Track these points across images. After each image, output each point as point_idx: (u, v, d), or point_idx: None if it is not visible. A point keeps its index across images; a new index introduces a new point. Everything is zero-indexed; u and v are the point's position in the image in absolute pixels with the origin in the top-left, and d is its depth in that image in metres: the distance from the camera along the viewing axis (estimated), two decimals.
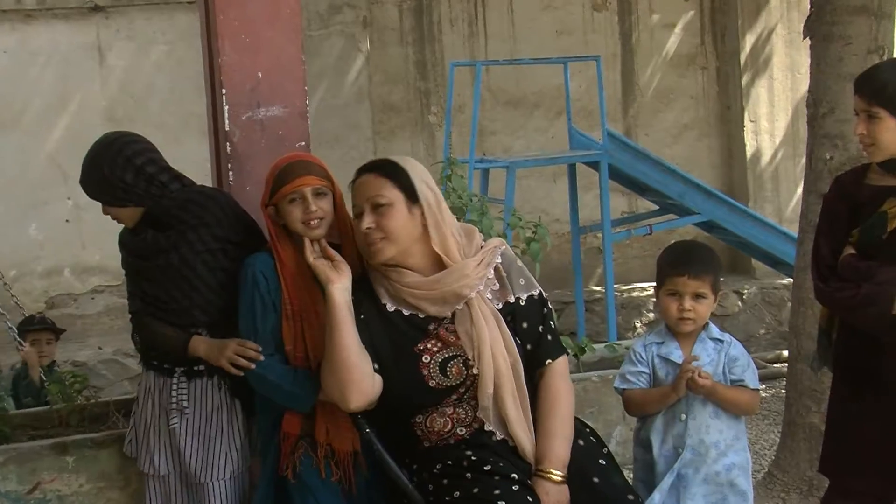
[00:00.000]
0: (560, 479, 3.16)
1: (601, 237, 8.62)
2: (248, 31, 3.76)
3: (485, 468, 3.12)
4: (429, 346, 3.20)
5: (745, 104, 9.82)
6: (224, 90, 3.76)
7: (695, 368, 3.43)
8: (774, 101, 9.82)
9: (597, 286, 9.39)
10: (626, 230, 8.94)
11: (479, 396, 3.18)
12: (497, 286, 3.29)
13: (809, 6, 5.23)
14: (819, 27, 5.07)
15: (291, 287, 3.34)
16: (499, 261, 3.30)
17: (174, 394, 3.53)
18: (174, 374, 3.55)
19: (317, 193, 3.33)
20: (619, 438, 5.25)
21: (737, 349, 3.56)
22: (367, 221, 3.20)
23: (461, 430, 3.21)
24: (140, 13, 8.73)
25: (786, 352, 6.05)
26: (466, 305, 3.21)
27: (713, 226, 8.90)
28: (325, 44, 8.94)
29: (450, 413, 3.21)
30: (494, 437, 3.20)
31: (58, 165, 8.40)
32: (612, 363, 5.76)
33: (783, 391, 5.83)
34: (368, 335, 3.19)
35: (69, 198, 8.34)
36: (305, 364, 3.32)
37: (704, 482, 3.47)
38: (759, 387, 3.62)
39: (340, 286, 3.20)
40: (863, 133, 3.38)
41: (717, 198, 8.81)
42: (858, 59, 4.85)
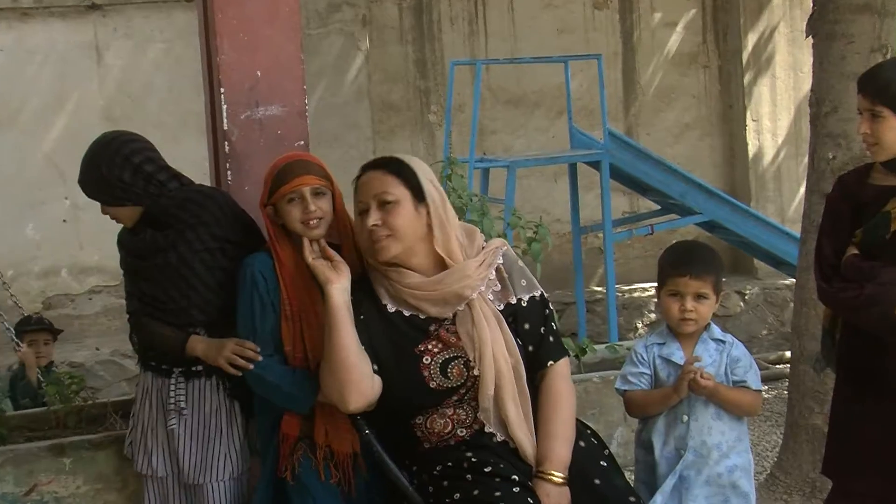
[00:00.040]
0: (561, 481, 3.15)
1: (602, 237, 8.60)
2: (247, 30, 3.75)
3: (485, 470, 3.11)
4: (429, 347, 3.18)
5: (748, 103, 9.79)
6: (222, 89, 3.75)
7: (696, 369, 3.41)
8: (777, 100, 9.80)
9: (598, 286, 9.36)
10: (628, 230, 8.92)
11: (480, 398, 3.17)
12: (498, 287, 3.28)
13: (812, 4, 5.22)
14: (822, 25, 5.06)
15: (290, 287, 3.33)
16: (500, 261, 3.29)
17: (172, 394, 3.52)
18: (172, 375, 3.54)
19: (316, 193, 3.32)
20: (621, 440, 5.23)
21: (739, 350, 3.55)
22: (374, 218, 3.18)
23: (461, 432, 3.20)
24: (138, 11, 8.70)
25: (788, 353, 6.03)
26: (468, 306, 3.20)
27: (715, 226, 8.88)
28: (325, 42, 8.92)
29: (450, 414, 3.19)
30: (495, 439, 3.19)
31: (55, 165, 8.36)
32: (614, 364, 5.73)
33: (786, 392, 5.82)
34: (368, 336, 3.18)
35: (67, 197, 8.31)
36: (304, 365, 3.31)
37: (706, 484, 3.46)
38: (762, 388, 3.61)
39: (339, 286, 3.18)
40: (866, 132, 3.37)
41: (719, 197, 8.79)
42: (861, 58, 4.85)
